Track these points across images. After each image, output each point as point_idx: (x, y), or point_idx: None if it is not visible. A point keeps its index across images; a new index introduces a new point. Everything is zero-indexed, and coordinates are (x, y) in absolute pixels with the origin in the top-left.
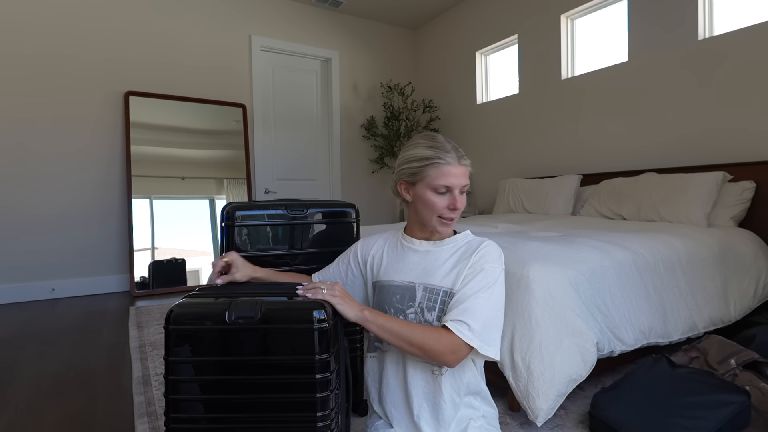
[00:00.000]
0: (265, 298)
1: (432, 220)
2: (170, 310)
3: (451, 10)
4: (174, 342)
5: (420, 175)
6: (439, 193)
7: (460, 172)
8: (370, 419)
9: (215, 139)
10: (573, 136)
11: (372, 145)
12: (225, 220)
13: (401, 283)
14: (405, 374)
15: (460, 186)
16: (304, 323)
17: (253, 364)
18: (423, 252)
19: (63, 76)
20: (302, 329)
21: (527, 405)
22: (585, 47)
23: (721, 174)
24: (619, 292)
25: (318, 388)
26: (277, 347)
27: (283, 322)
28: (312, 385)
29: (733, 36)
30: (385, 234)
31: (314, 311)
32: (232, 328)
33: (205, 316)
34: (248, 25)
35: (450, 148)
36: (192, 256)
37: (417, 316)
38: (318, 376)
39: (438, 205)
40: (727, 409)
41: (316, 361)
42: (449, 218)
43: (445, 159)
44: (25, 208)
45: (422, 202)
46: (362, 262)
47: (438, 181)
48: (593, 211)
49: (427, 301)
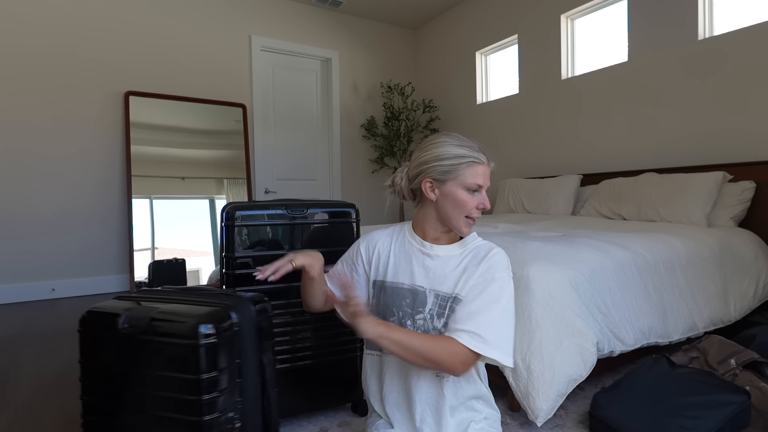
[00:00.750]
0: (164, 305)
1: (459, 220)
2: (83, 313)
3: (451, 10)
4: (82, 345)
5: (454, 173)
6: (471, 191)
7: (488, 172)
8: (371, 418)
9: (215, 139)
10: (573, 136)
11: (372, 145)
12: (225, 220)
13: (411, 287)
14: (407, 376)
15: (487, 186)
16: (188, 338)
17: (139, 375)
18: (434, 256)
19: (63, 76)
20: (186, 345)
21: (527, 405)
22: (585, 47)
23: (721, 174)
24: (619, 292)
25: (205, 409)
26: (159, 361)
27: (167, 335)
28: (198, 406)
29: (733, 36)
30: (388, 230)
31: (201, 325)
32: (123, 335)
33: (106, 320)
34: (248, 25)
35: (479, 148)
36: (192, 256)
37: (426, 322)
38: (205, 396)
39: (469, 203)
40: (727, 409)
41: (202, 380)
42: (475, 218)
43: (479, 158)
44: (25, 208)
45: (452, 201)
46: (366, 261)
47: (472, 180)
48: (593, 211)
49: (438, 308)
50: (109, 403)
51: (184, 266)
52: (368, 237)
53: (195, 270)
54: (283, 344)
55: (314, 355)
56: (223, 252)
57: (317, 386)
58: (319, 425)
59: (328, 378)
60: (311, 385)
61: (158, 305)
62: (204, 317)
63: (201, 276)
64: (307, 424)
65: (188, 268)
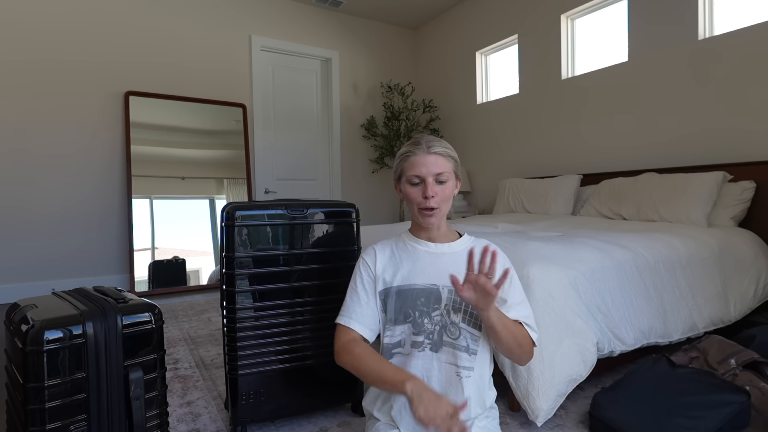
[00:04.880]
0: (44, 307)
1: (415, 213)
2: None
3: (451, 10)
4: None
5: (399, 171)
6: (413, 184)
7: (429, 160)
8: (369, 422)
9: (215, 139)
10: (573, 136)
11: (372, 145)
12: (225, 220)
13: (424, 286)
14: (424, 376)
15: (432, 174)
16: (24, 344)
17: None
18: (439, 254)
19: (63, 76)
20: (19, 350)
21: (527, 405)
22: (585, 47)
23: (721, 174)
24: (619, 292)
25: (29, 419)
26: (16, 362)
27: (17, 335)
28: (24, 414)
29: (734, 36)
30: (385, 243)
31: (46, 331)
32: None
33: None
34: (248, 25)
35: (422, 141)
36: (192, 256)
37: (443, 317)
38: (29, 406)
39: (412, 195)
40: (727, 409)
41: (28, 388)
42: (427, 208)
43: (414, 151)
44: (25, 207)
45: (405, 197)
46: (373, 282)
47: (410, 172)
48: (593, 211)
49: (453, 303)
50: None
51: (184, 266)
52: (366, 258)
53: (195, 270)
54: (283, 344)
55: (314, 355)
56: (223, 252)
57: (317, 386)
58: (319, 425)
59: (328, 378)
60: (311, 385)
61: (46, 305)
62: (45, 323)
63: (201, 276)
64: (307, 424)
65: (188, 268)
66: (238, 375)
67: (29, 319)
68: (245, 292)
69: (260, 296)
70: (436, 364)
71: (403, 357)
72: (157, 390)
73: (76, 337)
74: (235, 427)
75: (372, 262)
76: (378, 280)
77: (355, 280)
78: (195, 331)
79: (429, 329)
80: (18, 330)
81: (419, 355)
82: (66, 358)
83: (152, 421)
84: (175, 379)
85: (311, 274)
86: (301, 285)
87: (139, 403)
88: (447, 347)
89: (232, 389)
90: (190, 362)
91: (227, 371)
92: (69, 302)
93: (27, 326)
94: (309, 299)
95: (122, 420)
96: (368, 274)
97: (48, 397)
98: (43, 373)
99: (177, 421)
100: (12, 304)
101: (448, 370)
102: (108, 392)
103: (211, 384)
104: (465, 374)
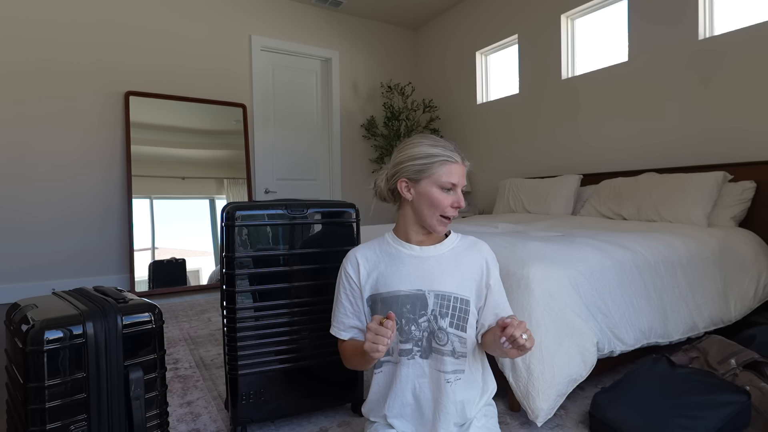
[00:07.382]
0: (45, 307)
1: (433, 219)
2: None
3: (451, 10)
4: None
5: (427, 172)
6: (445, 189)
7: (462, 171)
8: (368, 422)
9: (215, 139)
10: (573, 136)
11: (372, 145)
12: (225, 220)
13: (409, 292)
14: (414, 383)
15: (462, 185)
16: (24, 344)
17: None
18: (425, 258)
19: (63, 77)
20: (19, 350)
21: (527, 405)
22: (585, 47)
23: (721, 174)
24: (619, 292)
25: (29, 419)
26: (16, 361)
27: (17, 336)
28: (24, 414)
29: (734, 36)
30: (369, 245)
31: (36, 331)
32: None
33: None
34: (248, 25)
35: (453, 148)
36: (192, 256)
37: (430, 323)
38: (30, 406)
39: (443, 202)
40: (727, 409)
41: (29, 388)
42: (450, 216)
43: (452, 157)
44: (25, 208)
45: (426, 200)
46: (359, 291)
47: (445, 178)
48: (593, 211)
49: (440, 307)
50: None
51: (184, 266)
52: (349, 263)
53: (195, 270)
54: (282, 344)
55: (314, 355)
56: (223, 252)
57: (317, 386)
58: (319, 425)
59: (328, 378)
60: (311, 384)
61: (46, 305)
62: (45, 323)
63: (201, 276)
64: (307, 424)
65: (188, 268)
66: (238, 375)
67: (29, 319)
68: (245, 292)
69: (260, 296)
70: (427, 370)
71: (392, 366)
72: (157, 390)
73: (76, 337)
74: (235, 427)
75: (354, 272)
76: (364, 289)
77: (339, 290)
78: (195, 331)
79: (417, 336)
80: (18, 330)
81: (408, 363)
82: (66, 358)
83: (152, 421)
84: (175, 379)
85: (311, 274)
86: (301, 285)
87: (139, 403)
88: (435, 354)
89: (232, 389)
90: (190, 362)
91: (227, 371)
92: (69, 302)
93: (27, 326)
94: (309, 299)
95: (122, 420)
96: (351, 285)
97: (48, 397)
98: (43, 373)
99: (177, 421)
100: (12, 304)
101: (438, 377)
102: (108, 392)
103: (211, 384)
104: (455, 378)
